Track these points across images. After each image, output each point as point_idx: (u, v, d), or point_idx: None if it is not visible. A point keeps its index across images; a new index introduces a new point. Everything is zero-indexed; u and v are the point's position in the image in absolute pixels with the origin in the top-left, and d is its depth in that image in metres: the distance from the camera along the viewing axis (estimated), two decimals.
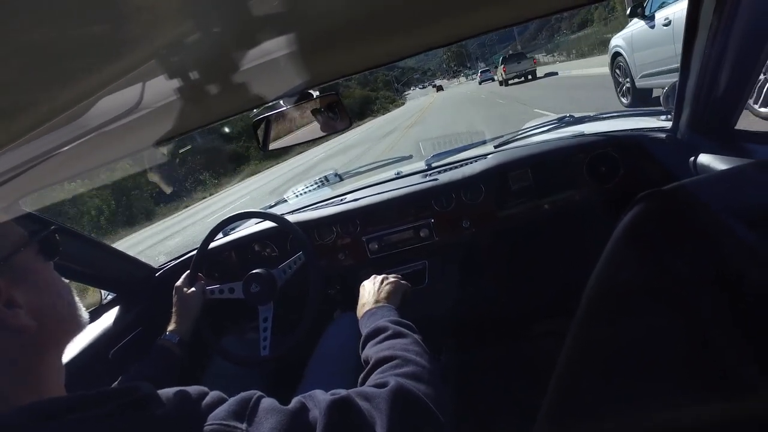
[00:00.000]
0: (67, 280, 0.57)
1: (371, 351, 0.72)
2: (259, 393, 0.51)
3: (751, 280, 0.27)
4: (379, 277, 0.99)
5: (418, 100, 52.02)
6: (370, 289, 0.96)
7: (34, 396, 0.46)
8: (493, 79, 30.53)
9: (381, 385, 0.58)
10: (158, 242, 10.31)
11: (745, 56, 0.82)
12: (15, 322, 0.47)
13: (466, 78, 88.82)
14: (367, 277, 1.02)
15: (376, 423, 0.52)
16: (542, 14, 0.65)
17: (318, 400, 0.52)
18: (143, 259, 1.44)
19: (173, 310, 1.15)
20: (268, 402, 0.50)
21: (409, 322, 0.79)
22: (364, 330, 0.81)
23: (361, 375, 0.69)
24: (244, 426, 0.46)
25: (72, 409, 0.43)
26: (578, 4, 0.63)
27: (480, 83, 35.21)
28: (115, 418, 0.43)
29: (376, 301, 0.90)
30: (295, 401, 0.52)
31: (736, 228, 0.28)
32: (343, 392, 0.54)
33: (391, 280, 0.98)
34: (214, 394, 0.49)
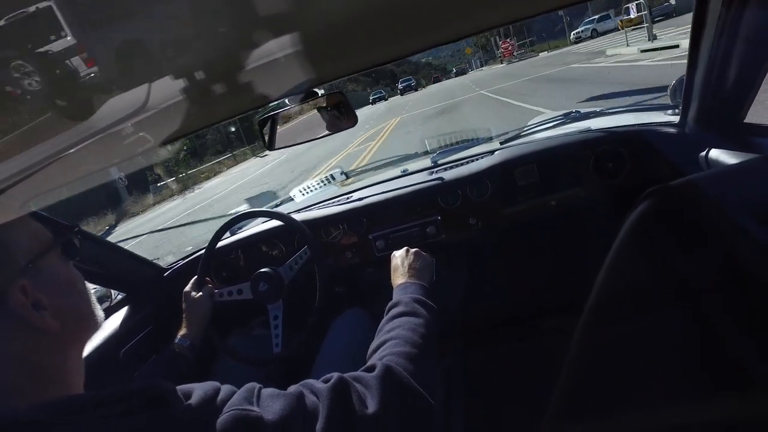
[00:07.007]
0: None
1: (383, 326, 0.78)
2: (258, 384, 0.55)
3: (761, 277, 0.27)
4: (412, 251, 1.02)
5: None
6: (404, 262, 0.99)
7: (56, 394, 0.47)
8: None
9: (370, 369, 0.63)
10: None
11: (755, 48, 0.81)
12: (41, 323, 0.48)
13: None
14: (374, 276, 1.03)
15: (368, 404, 0.57)
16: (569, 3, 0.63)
17: (313, 385, 0.58)
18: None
19: (183, 315, 1.16)
20: (268, 389, 0.55)
21: (431, 303, 0.82)
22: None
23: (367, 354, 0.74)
24: (257, 409, 0.50)
25: (96, 406, 0.44)
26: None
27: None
28: (139, 414, 0.44)
29: (411, 276, 0.94)
30: (292, 388, 0.57)
31: (745, 224, 0.28)
32: (337, 375, 0.59)
33: (424, 255, 1.01)
34: (226, 388, 0.53)
